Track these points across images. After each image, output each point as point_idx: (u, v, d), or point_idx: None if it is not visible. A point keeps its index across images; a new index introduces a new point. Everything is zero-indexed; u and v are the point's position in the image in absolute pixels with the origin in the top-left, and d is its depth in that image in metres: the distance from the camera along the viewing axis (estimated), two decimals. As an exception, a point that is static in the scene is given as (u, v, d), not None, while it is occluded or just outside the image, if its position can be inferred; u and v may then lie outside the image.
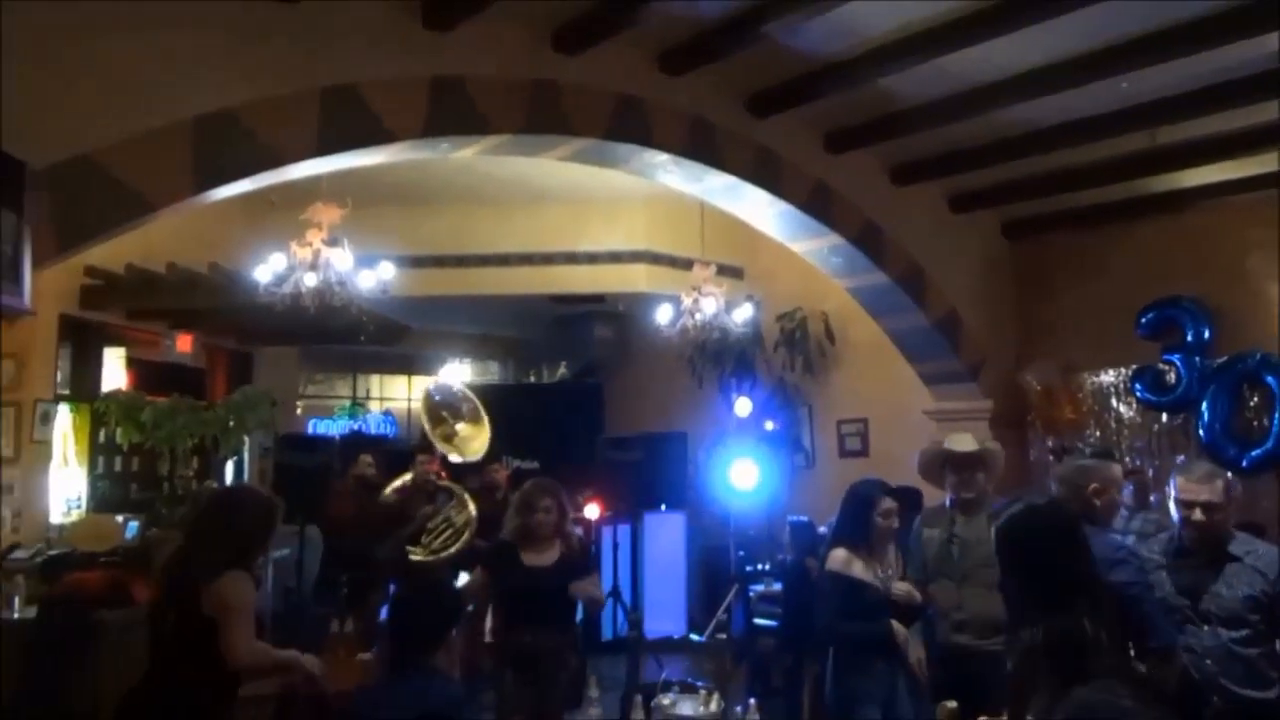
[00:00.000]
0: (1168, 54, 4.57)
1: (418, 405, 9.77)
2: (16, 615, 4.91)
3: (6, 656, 4.67)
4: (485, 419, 6.18)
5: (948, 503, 4.02)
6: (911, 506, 4.18)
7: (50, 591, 4.89)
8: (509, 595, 4.03)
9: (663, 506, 8.48)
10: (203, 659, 2.92)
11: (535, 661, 3.67)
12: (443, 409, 6.21)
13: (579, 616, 4.26)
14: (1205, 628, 3.05)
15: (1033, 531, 2.50)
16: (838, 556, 3.57)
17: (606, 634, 7.97)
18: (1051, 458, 6.03)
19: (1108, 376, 6.69)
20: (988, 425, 6.76)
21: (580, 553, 4.25)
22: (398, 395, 11.68)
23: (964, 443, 4.06)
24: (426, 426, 6.08)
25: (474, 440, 6.17)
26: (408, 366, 11.46)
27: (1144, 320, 6.40)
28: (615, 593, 7.96)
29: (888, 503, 3.70)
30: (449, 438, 6.13)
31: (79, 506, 6.56)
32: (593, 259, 8.32)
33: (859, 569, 3.55)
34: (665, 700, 2.90)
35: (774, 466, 7.93)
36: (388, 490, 6.10)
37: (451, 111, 4.42)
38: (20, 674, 4.47)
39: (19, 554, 5.55)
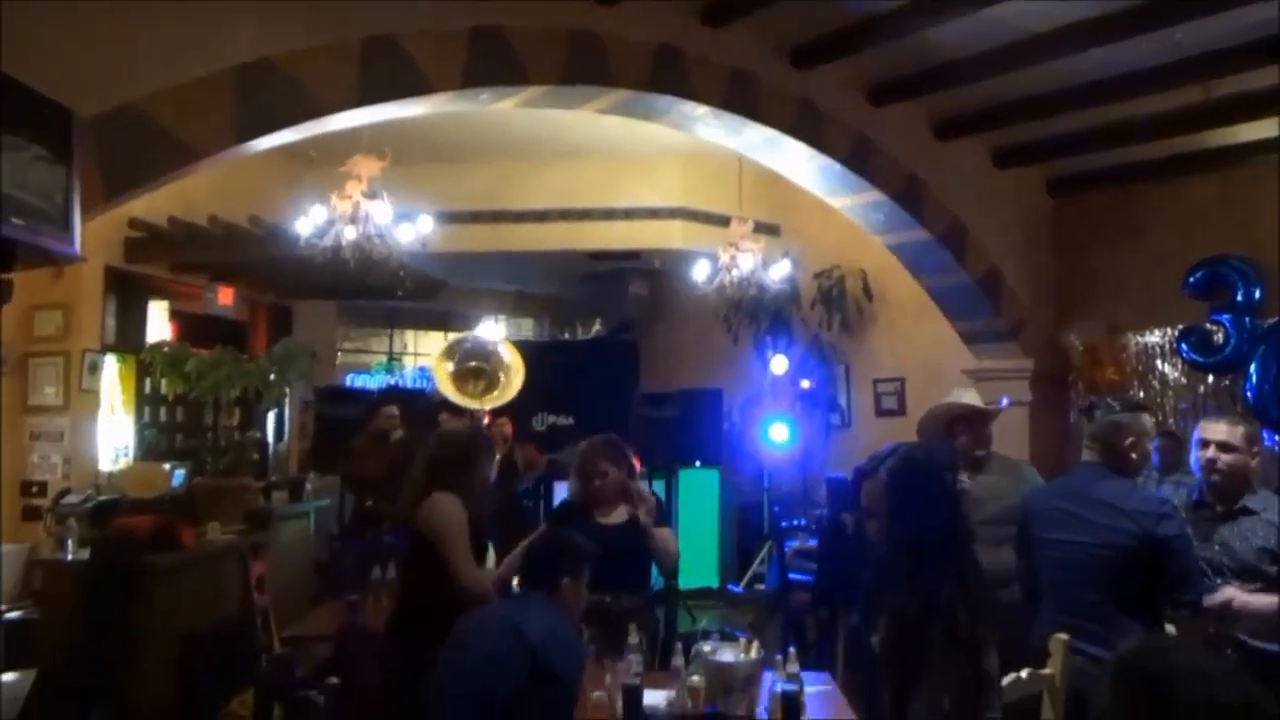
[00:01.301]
0: (1224, 2, 4.42)
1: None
2: (70, 557, 5.06)
3: (62, 596, 4.82)
4: (520, 367, 6.17)
5: None
6: None
7: (101, 535, 5.02)
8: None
9: (697, 463, 8.50)
10: (429, 580, 3.16)
11: (614, 621, 3.64)
12: (473, 359, 6.21)
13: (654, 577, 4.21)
14: (1219, 580, 3.05)
15: (908, 483, 2.32)
16: None
17: (640, 587, 8.05)
18: (1084, 416, 5.92)
19: (1153, 336, 6.57)
20: (1028, 385, 6.70)
21: (652, 509, 4.07)
22: (433, 351, 11.76)
23: (974, 397, 4.04)
24: (451, 386, 6.03)
25: (509, 389, 6.18)
26: (443, 323, 11.53)
27: (1192, 279, 6.26)
28: (649, 547, 8.03)
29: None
30: (489, 388, 6.13)
31: (127, 455, 6.72)
32: (629, 215, 8.29)
33: None
34: (706, 647, 2.93)
35: (809, 425, 7.94)
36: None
37: (491, 62, 4.39)
38: (74, 613, 4.61)
39: (70, 499, 5.71)
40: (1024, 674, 2.64)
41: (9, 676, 5.09)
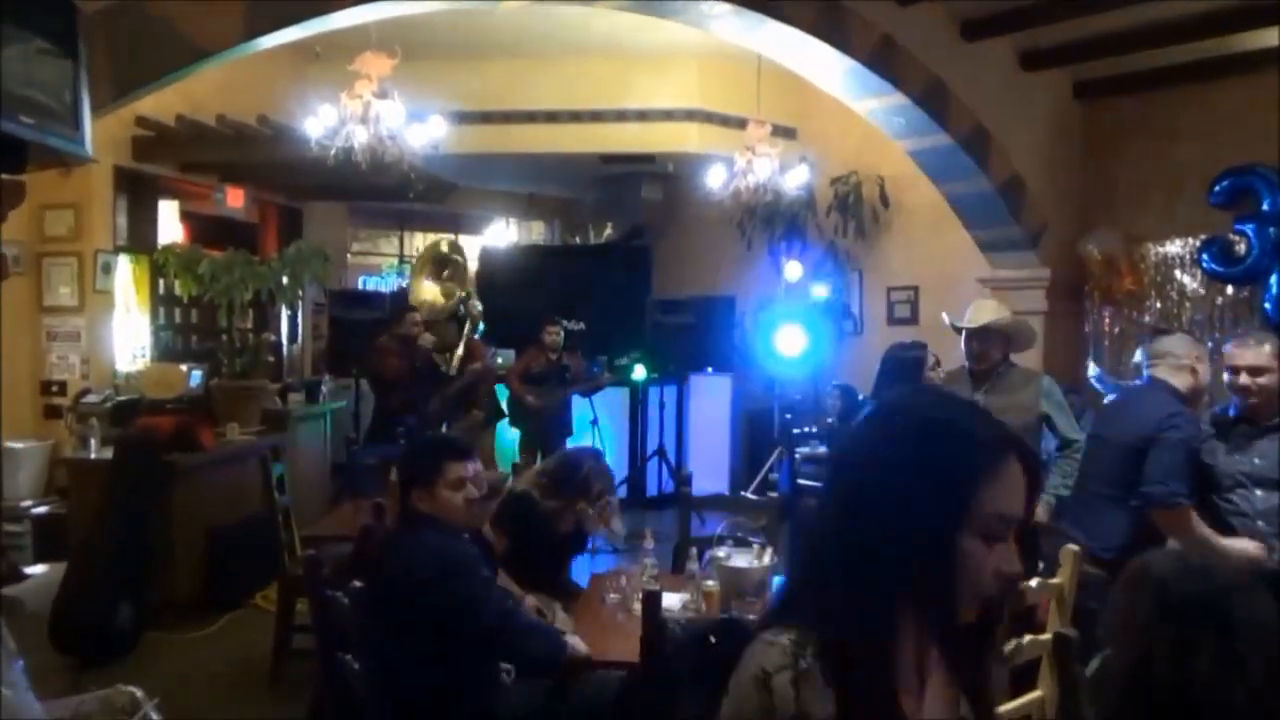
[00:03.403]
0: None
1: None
2: (93, 455, 5.16)
3: (87, 492, 4.94)
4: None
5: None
6: None
7: (124, 434, 5.11)
8: (529, 554, 3.76)
9: (709, 369, 8.55)
10: None
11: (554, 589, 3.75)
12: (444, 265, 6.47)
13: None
14: (1258, 492, 3.12)
15: None
16: None
17: (651, 490, 8.21)
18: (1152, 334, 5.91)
19: (1173, 246, 6.48)
20: (1044, 294, 6.66)
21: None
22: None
23: (982, 312, 4.04)
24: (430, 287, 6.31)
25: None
26: (454, 225, 11.45)
27: (1218, 188, 6.13)
28: (661, 452, 8.16)
29: (933, 357, 3.86)
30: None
31: (144, 355, 6.77)
32: (643, 117, 8.12)
33: None
34: (720, 553, 2.99)
35: (821, 332, 7.93)
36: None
37: (505, -45, 4.24)
38: (100, 509, 4.72)
39: (90, 398, 5.79)
40: (1033, 583, 2.69)
41: (39, 568, 5.27)
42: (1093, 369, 6.25)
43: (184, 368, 6.24)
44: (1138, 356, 3.90)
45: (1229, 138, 6.12)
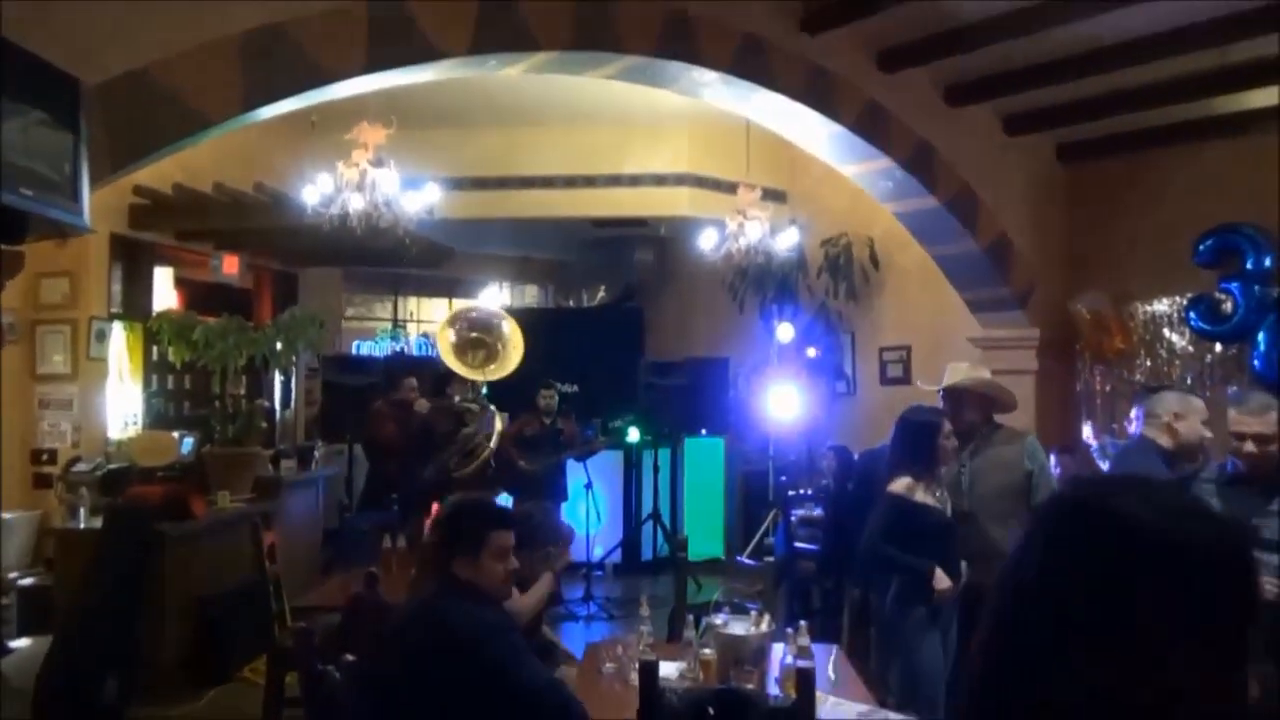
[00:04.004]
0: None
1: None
2: (82, 525, 5.09)
3: (75, 564, 4.86)
4: (519, 341, 6.29)
5: None
6: None
7: (114, 504, 5.05)
8: None
9: (703, 431, 8.54)
10: None
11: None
12: (474, 330, 6.35)
13: None
14: (1260, 554, 3.08)
15: None
16: (902, 483, 3.62)
17: (647, 555, 8.13)
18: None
19: (1161, 305, 6.54)
20: (1035, 354, 6.69)
21: None
22: (437, 318, 11.75)
23: (952, 375, 4.06)
24: (452, 355, 6.15)
25: (508, 362, 6.32)
26: (448, 289, 11.52)
27: (1203, 247, 6.22)
28: (655, 515, 8.09)
29: (948, 425, 3.74)
30: (488, 360, 6.25)
31: (135, 423, 6.73)
32: (635, 181, 8.24)
33: (920, 494, 3.61)
34: (717, 620, 2.95)
35: (814, 393, 7.95)
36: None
37: (500, 28, 4.34)
38: (88, 581, 4.65)
39: (80, 467, 5.74)
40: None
41: (23, 641, 5.16)
42: (1087, 431, 6.27)
43: (175, 435, 6.21)
44: (1133, 414, 3.92)
45: (1214, 198, 6.22)
